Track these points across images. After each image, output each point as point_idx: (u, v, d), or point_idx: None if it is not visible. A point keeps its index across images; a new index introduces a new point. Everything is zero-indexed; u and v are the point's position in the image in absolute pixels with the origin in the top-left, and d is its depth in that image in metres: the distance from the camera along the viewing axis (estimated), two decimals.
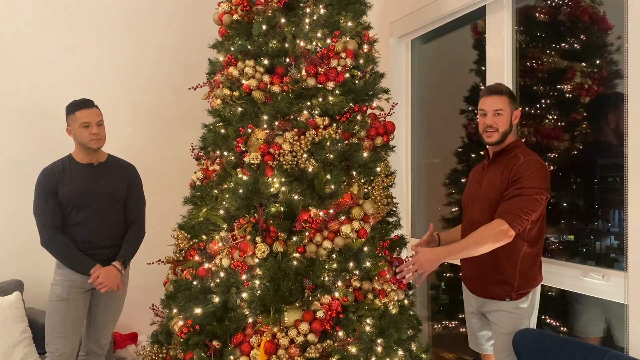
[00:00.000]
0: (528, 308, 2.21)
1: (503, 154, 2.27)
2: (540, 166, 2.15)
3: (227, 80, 2.77)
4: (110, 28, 3.95)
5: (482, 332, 2.47)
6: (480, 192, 2.32)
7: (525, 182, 2.08)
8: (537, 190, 2.07)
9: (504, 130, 2.25)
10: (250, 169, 2.63)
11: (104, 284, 2.75)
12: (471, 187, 2.44)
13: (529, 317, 2.23)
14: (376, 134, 2.70)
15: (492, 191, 2.23)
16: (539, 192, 2.07)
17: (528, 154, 2.22)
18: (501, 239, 2.07)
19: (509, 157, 2.24)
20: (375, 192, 2.66)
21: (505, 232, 2.05)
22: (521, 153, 2.22)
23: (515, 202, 2.07)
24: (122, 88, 3.97)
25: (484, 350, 2.52)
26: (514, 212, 2.06)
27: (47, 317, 2.76)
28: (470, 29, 3.23)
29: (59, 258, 2.74)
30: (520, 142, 2.32)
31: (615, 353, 1.95)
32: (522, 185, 2.08)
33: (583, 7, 2.67)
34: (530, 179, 2.08)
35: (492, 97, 2.27)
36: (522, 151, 2.24)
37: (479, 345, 2.52)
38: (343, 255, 2.55)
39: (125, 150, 3.37)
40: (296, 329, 2.36)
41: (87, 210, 2.77)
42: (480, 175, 2.38)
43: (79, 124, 2.72)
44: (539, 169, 2.13)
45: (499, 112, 2.24)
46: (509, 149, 2.26)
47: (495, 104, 2.25)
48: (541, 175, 2.11)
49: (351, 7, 2.75)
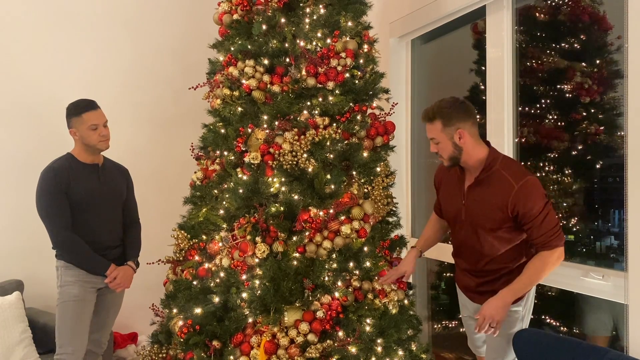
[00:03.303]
0: (523, 311, 2.20)
1: (484, 173, 2.12)
2: (533, 185, 2.05)
3: (227, 80, 2.77)
4: (110, 28, 3.94)
5: (478, 335, 2.44)
6: (467, 215, 2.19)
7: (535, 208, 2.01)
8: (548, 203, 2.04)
9: (449, 156, 2.13)
10: (250, 169, 2.63)
11: (121, 284, 2.76)
12: (452, 201, 2.28)
13: (522, 320, 2.21)
14: (376, 134, 2.70)
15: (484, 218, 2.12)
16: (549, 202, 2.05)
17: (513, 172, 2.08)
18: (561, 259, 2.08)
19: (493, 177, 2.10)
20: (375, 192, 2.66)
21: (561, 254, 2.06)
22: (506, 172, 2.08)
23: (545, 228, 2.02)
24: (122, 88, 3.97)
25: (479, 353, 2.50)
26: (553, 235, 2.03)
27: (60, 318, 2.67)
28: (470, 29, 3.23)
29: (74, 259, 2.69)
30: (496, 153, 2.14)
31: (615, 353, 1.95)
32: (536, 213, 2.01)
33: (583, 7, 2.67)
34: (536, 204, 2.01)
35: (427, 125, 2.16)
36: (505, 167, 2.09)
37: (475, 347, 2.51)
38: (343, 255, 2.55)
39: (126, 150, 3.37)
40: (296, 329, 2.37)
41: (97, 211, 2.75)
42: (459, 192, 2.23)
43: (87, 126, 2.68)
44: (534, 189, 2.04)
45: (434, 141, 2.15)
46: (488, 166, 2.11)
47: (429, 132, 2.16)
48: (541, 191, 2.05)
49: (351, 7, 2.75)
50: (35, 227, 2.78)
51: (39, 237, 2.84)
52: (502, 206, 2.06)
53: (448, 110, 2.11)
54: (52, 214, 2.64)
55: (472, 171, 2.17)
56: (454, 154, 2.13)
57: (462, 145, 2.10)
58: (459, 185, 2.24)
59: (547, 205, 2.04)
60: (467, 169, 2.20)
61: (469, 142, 2.11)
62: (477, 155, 2.13)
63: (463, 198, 2.21)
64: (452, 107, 2.12)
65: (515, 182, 2.04)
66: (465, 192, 2.20)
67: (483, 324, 2.07)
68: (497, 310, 2.05)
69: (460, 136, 2.09)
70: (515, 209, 2.03)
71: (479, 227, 2.15)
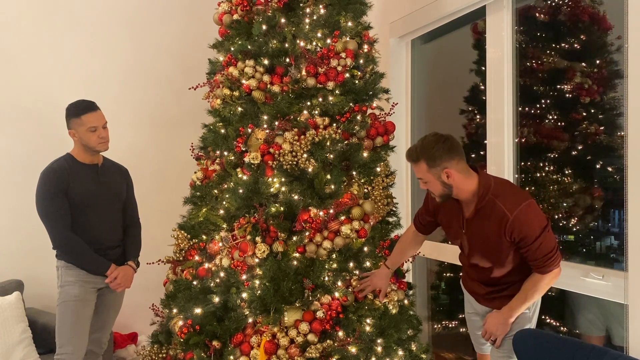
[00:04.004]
0: (530, 312, 2.22)
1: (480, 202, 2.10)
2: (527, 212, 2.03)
3: (227, 80, 2.77)
4: (110, 28, 3.94)
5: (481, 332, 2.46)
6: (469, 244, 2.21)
7: (531, 235, 2.02)
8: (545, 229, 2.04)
9: (440, 193, 2.12)
10: (250, 169, 2.63)
11: (122, 284, 2.76)
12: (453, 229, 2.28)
13: (530, 320, 2.23)
14: (376, 134, 2.70)
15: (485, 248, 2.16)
16: (547, 226, 2.05)
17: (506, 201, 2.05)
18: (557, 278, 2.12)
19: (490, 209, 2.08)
20: (375, 192, 2.66)
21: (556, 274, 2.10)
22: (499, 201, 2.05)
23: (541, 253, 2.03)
24: (122, 88, 3.97)
25: (482, 351, 2.51)
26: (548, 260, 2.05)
27: (61, 318, 2.67)
28: (470, 29, 3.23)
29: (75, 259, 2.69)
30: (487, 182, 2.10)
31: (615, 353, 1.95)
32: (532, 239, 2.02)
33: (583, 7, 2.67)
34: (532, 231, 2.02)
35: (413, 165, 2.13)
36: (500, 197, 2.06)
37: (479, 344, 2.51)
38: (343, 255, 2.56)
39: (126, 151, 3.37)
40: (296, 329, 2.36)
41: (97, 211, 2.75)
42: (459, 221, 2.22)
43: (86, 128, 2.67)
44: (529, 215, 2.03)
45: (422, 180, 2.14)
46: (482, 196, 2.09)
47: (416, 172, 2.14)
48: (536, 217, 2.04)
49: (351, 7, 2.75)
50: (35, 227, 2.78)
51: (39, 237, 2.84)
52: (500, 235, 2.08)
53: (432, 152, 2.07)
54: (52, 214, 2.64)
55: (468, 203, 2.16)
56: (444, 192, 2.12)
57: (450, 183, 2.08)
58: (459, 215, 2.23)
59: (545, 229, 2.03)
60: (462, 201, 2.19)
61: (457, 178, 2.08)
62: (468, 188, 2.10)
63: (463, 227, 2.22)
64: (436, 146, 2.07)
65: (510, 212, 2.03)
66: (464, 223, 2.21)
67: (486, 337, 2.25)
68: (497, 327, 2.19)
69: (447, 175, 2.07)
70: (512, 236, 2.05)
71: (482, 254, 2.20)
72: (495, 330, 2.20)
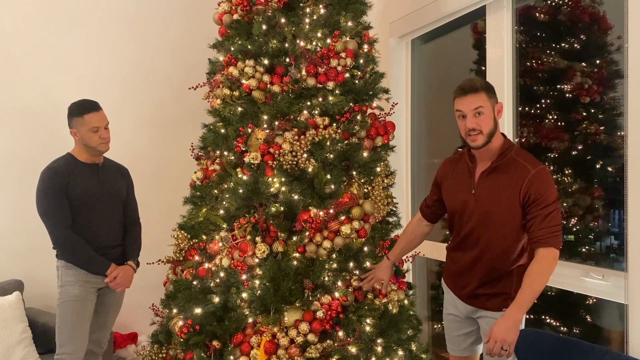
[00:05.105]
0: None
1: (500, 159, 2.07)
2: (549, 175, 2.03)
3: (227, 80, 2.77)
4: (110, 28, 3.95)
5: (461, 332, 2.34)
6: (477, 204, 2.12)
7: (548, 198, 1.97)
8: (558, 202, 2.00)
9: (489, 130, 2.05)
10: (250, 169, 2.63)
11: (122, 284, 2.76)
12: (459, 195, 2.20)
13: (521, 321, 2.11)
14: (376, 134, 2.70)
15: (495, 205, 2.07)
16: (559, 202, 2.01)
17: (530, 159, 2.06)
18: (556, 264, 2.00)
19: (510, 165, 2.06)
20: (375, 192, 2.66)
21: (556, 257, 1.99)
22: (522, 158, 2.06)
23: (548, 223, 1.96)
24: (122, 88, 3.97)
25: (460, 353, 2.37)
26: (553, 233, 1.97)
27: (61, 318, 2.67)
28: (470, 29, 3.23)
29: (75, 258, 2.69)
30: (512, 144, 2.13)
31: (615, 353, 1.95)
32: (547, 202, 1.97)
33: (583, 7, 2.67)
34: (550, 193, 1.97)
35: (468, 96, 2.06)
36: (520, 155, 2.07)
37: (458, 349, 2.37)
38: (343, 255, 2.56)
39: (126, 151, 3.37)
40: (296, 329, 2.37)
41: (97, 210, 2.75)
42: (468, 183, 2.17)
43: (88, 128, 2.67)
44: (550, 179, 2.02)
45: (479, 112, 2.03)
46: (505, 152, 2.07)
47: (474, 102, 2.04)
48: (553, 185, 2.02)
49: (351, 7, 2.75)
50: (36, 227, 2.78)
51: (39, 237, 2.84)
52: (516, 191, 2.01)
53: (487, 83, 2.10)
54: (52, 214, 2.64)
55: (486, 159, 2.12)
56: (492, 131, 2.06)
57: (497, 121, 2.08)
58: (469, 177, 2.18)
59: (557, 202, 1.99)
60: (480, 158, 2.14)
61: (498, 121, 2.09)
62: (498, 140, 2.10)
63: (473, 188, 2.14)
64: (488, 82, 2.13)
65: (532, 167, 2.01)
66: (476, 182, 2.14)
67: (495, 348, 1.93)
68: (508, 332, 1.91)
69: (499, 110, 2.07)
70: (528, 193, 1.98)
71: (488, 216, 2.09)
72: (506, 337, 1.91)
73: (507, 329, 1.91)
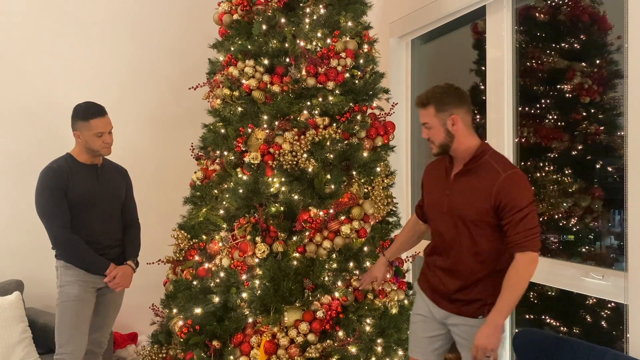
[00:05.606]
0: None
1: (473, 161, 2.05)
2: (521, 178, 2.00)
3: (227, 80, 2.78)
4: (110, 28, 3.94)
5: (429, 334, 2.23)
6: (450, 205, 2.10)
7: (520, 202, 1.94)
8: (532, 204, 1.97)
9: (440, 142, 2.07)
10: (250, 169, 2.63)
11: (121, 284, 2.76)
12: (435, 195, 2.20)
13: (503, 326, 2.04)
14: (376, 134, 2.70)
15: (467, 208, 2.04)
16: (534, 204, 1.98)
17: (503, 163, 2.02)
18: (535, 267, 1.97)
19: (482, 167, 2.03)
20: (375, 192, 2.66)
21: (534, 260, 1.96)
22: (495, 162, 2.02)
23: (524, 226, 1.94)
24: (122, 88, 3.97)
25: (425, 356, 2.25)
26: (530, 237, 1.94)
27: (60, 318, 2.67)
28: (470, 29, 3.23)
29: (74, 258, 2.69)
30: (487, 145, 2.10)
31: (615, 353, 1.95)
32: (520, 207, 1.94)
33: (583, 7, 2.67)
34: (522, 197, 1.95)
35: (420, 110, 2.10)
36: (494, 158, 2.04)
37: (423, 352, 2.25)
38: (343, 255, 2.56)
39: (126, 151, 3.37)
40: (296, 329, 2.37)
41: (96, 211, 2.75)
42: (444, 184, 2.15)
43: (93, 133, 2.67)
44: (521, 183, 1.98)
45: (426, 126, 2.09)
46: (478, 156, 2.05)
47: (422, 117, 2.10)
48: (527, 187, 1.99)
49: (351, 7, 2.75)
50: (35, 227, 2.78)
51: (39, 237, 2.84)
52: (487, 195, 1.98)
53: (441, 96, 2.06)
54: (51, 214, 2.64)
55: (460, 160, 2.10)
56: (445, 141, 2.07)
57: (454, 132, 2.05)
58: (446, 178, 2.16)
59: (531, 205, 1.96)
60: (455, 159, 2.13)
61: (461, 129, 2.05)
62: (468, 144, 2.06)
63: (448, 189, 2.13)
64: (446, 92, 2.08)
65: (503, 171, 1.98)
66: (451, 183, 2.12)
67: (479, 355, 1.92)
68: (489, 338, 1.91)
69: (453, 122, 2.03)
70: (498, 199, 1.95)
71: (459, 218, 2.06)
72: (487, 344, 1.90)
73: (488, 336, 1.91)
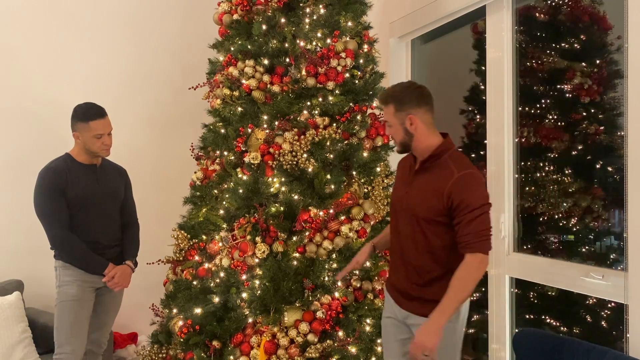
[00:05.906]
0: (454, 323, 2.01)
1: (431, 160, 2.04)
2: (475, 179, 1.97)
3: (227, 80, 2.78)
4: (110, 28, 3.94)
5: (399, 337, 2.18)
6: (408, 202, 2.08)
7: (472, 202, 1.91)
8: (485, 205, 1.94)
9: (400, 141, 2.07)
10: (250, 169, 2.63)
11: (120, 283, 2.76)
12: (398, 191, 2.19)
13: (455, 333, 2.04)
14: (376, 134, 2.70)
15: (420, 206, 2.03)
16: (487, 205, 1.95)
17: (459, 163, 1.99)
18: (484, 269, 1.94)
19: (439, 165, 2.02)
20: (375, 192, 2.66)
21: (484, 261, 1.93)
22: (452, 162, 2.00)
23: (475, 227, 1.91)
24: (121, 88, 3.97)
25: None
26: (480, 238, 1.91)
27: (59, 318, 2.67)
28: (470, 29, 3.23)
29: (73, 258, 2.69)
30: (449, 144, 2.07)
31: (615, 353, 1.95)
32: (472, 207, 1.91)
33: (583, 7, 2.67)
34: (475, 198, 1.92)
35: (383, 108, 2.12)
36: (453, 158, 2.02)
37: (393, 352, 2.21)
38: (343, 255, 2.56)
39: (126, 151, 3.37)
40: (296, 329, 2.37)
41: (95, 211, 2.75)
42: (406, 180, 2.15)
43: (92, 134, 2.67)
44: (476, 183, 1.96)
45: (387, 124, 2.10)
46: (437, 154, 2.03)
47: (384, 115, 2.11)
48: (481, 188, 1.97)
49: (351, 7, 2.75)
50: (35, 227, 2.78)
51: (39, 237, 2.84)
52: (439, 194, 1.96)
53: (400, 95, 2.05)
54: (50, 214, 2.64)
55: (420, 158, 2.09)
56: (405, 140, 2.06)
57: (412, 132, 2.03)
58: (409, 174, 2.15)
59: (484, 207, 1.93)
60: (417, 157, 2.12)
61: (420, 128, 2.03)
62: (428, 143, 2.04)
63: (407, 186, 2.12)
64: (406, 91, 2.06)
65: (457, 171, 1.96)
66: (411, 180, 2.11)
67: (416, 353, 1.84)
68: (428, 336, 1.83)
69: (411, 122, 2.02)
70: (451, 198, 1.93)
71: (414, 215, 2.05)
72: (425, 342, 1.82)
73: (428, 334, 1.84)
